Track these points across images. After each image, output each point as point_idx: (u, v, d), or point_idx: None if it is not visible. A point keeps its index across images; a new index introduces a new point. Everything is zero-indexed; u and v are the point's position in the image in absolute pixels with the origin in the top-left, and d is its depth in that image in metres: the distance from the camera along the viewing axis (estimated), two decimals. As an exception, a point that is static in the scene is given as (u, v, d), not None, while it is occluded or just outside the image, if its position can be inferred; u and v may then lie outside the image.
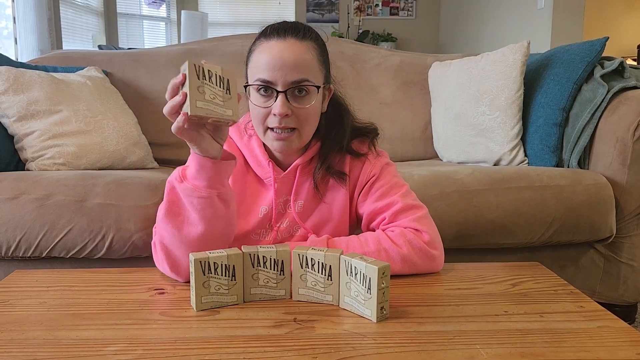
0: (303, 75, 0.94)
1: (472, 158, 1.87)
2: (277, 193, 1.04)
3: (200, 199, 0.85)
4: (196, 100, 0.76)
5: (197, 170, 0.84)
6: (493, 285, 0.93)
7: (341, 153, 1.05)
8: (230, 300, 0.83)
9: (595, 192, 1.49)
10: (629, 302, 1.59)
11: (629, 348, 0.70)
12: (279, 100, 0.93)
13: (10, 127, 1.65)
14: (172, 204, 0.88)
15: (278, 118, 0.94)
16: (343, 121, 1.06)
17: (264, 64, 0.94)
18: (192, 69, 0.76)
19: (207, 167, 0.84)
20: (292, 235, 1.06)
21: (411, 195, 1.05)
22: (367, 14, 6.66)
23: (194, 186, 0.85)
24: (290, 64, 0.93)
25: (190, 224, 0.87)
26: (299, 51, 0.94)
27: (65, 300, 0.85)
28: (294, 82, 0.93)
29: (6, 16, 3.92)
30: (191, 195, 0.85)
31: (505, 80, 1.77)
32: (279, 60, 0.93)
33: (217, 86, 0.79)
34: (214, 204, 0.86)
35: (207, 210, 0.86)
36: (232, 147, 1.07)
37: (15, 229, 1.34)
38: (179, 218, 0.88)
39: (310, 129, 1.00)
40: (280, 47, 0.94)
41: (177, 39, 6.27)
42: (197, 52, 2.15)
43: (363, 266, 0.77)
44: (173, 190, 0.88)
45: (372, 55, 2.24)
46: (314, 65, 0.96)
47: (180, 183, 0.86)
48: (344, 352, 0.68)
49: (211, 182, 0.85)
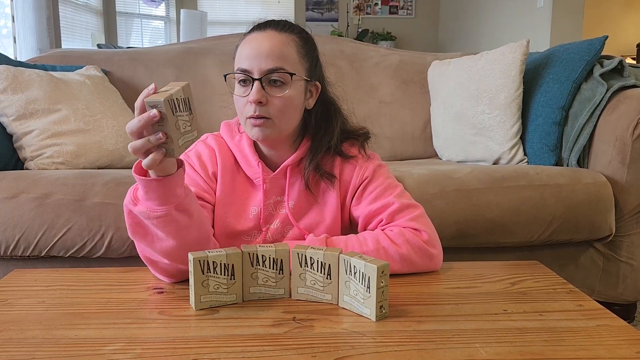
0: (278, 64, 0.95)
1: (472, 157, 1.87)
2: (266, 194, 1.04)
3: (158, 219, 0.81)
4: (178, 139, 0.74)
5: (145, 192, 0.80)
6: (492, 284, 0.93)
7: (330, 154, 1.05)
8: (229, 300, 0.83)
9: (594, 191, 1.49)
10: (628, 301, 1.59)
11: (628, 347, 0.70)
12: (254, 87, 0.95)
13: (9, 126, 1.65)
14: (136, 226, 0.85)
15: (253, 106, 0.95)
16: (331, 121, 1.06)
17: (244, 54, 0.97)
18: (167, 106, 0.71)
19: (154, 188, 0.79)
20: (284, 236, 1.05)
21: (406, 195, 1.05)
22: (366, 12, 6.66)
23: (147, 207, 0.81)
24: (266, 52, 0.95)
25: (160, 240, 0.85)
26: (277, 41, 0.97)
27: (64, 300, 0.85)
28: (268, 69, 0.95)
29: (5, 15, 3.92)
30: (148, 217, 0.81)
31: (505, 79, 1.77)
32: (256, 49, 0.96)
33: (184, 112, 0.75)
34: (174, 218, 0.82)
35: (169, 226, 0.82)
36: (223, 147, 1.07)
37: (14, 228, 1.34)
38: (147, 237, 0.85)
39: (287, 120, 0.99)
40: (259, 37, 0.97)
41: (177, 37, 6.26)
42: (196, 51, 2.15)
43: (362, 265, 0.77)
44: (131, 214, 0.84)
45: (371, 54, 2.24)
46: (291, 56, 0.98)
47: (134, 206, 0.82)
48: (343, 351, 0.68)
49: (163, 200, 0.80)
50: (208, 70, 2.10)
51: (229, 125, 1.10)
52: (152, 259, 0.88)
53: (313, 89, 1.04)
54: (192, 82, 2.09)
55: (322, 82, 1.07)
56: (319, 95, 1.06)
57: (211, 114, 2.03)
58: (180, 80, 2.15)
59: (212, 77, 2.09)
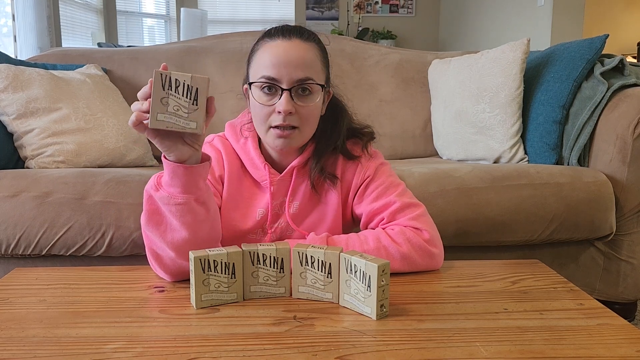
0: (308, 74, 0.95)
1: (472, 156, 1.87)
2: (274, 196, 1.04)
3: (177, 206, 0.82)
4: (157, 112, 0.75)
5: (170, 177, 0.82)
6: (493, 282, 0.93)
7: (334, 154, 1.06)
8: (230, 298, 0.83)
9: (595, 190, 1.49)
10: (628, 300, 1.59)
11: (629, 345, 0.70)
12: (284, 97, 0.94)
13: (10, 125, 1.65)
14: (152, 213, 0.86)
15: (282, 116, 0.94)
16: (338, 124, 1.06)
17: (269, 61, 0.95)
18: (157, 78, 0.74)
19: (180, 174, 0.81)
20: (288, 235, 1.06)
21: (407, 193, 1.05)
22: (366, 11, 6.65)
23: (169, 194, 0.82)
24: (296, 62, 0.94)
25: (173, 230, 0.85)
26: (304, 51, 0.96)
27: (65, 298, 0.85)
28: (299, 80, 0.94)
29: (5, 14, 3.91)
30: (168, 203, 0.83)
31: (505, 78, 1.77)
32: (284, 58, 0.94)
33: (183, 96, 0.76)
34: (193, 209, 0.84)
35: (187, 217, 0.84)
36: (229, 149, 1.07)
37: (15, 226, 1.34)
38: (161, 227, 0.86)
39: (311, 128, 1.01)
40: (285, 46, 0.95)
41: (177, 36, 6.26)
42: (196, 50, 2.15)
43: (363, 264, 0.77)
44: (151, 199, 0.85)
45: (371, 52, 2.23)
46: (317, 65, 0.98)
47: (156, 191, 0.83)
48: (344, 350, 0.68)
49: (186, 188, 0.82)
50: (208, 69, 2.10)
51: (234, 127, 1.10)
52: (158, 252, 0.89)
53: (326, 95, 1.05)
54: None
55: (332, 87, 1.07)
56: None
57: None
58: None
59: (213, 76, 2.09)
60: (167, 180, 0.82)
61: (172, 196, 0.82)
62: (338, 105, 1.09)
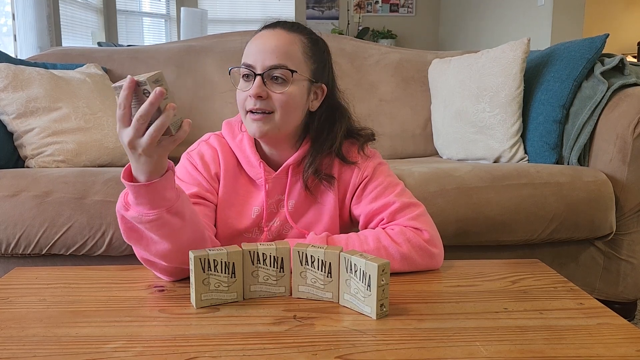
0: (281, 61, 0.96)
1: (472, 155, 1.87)
2: (269, 194, 1.04)
3: (150, 223, 0.80)
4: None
5: (134, 197, 0.79)
6: (493, 282, 0.93)
7: (330, 156, 1.05)
8: (230, 298, 0.83)
9: (595, 189, 1.49)
10: (628, 299, 1.59)
11: (629, 345, 0.70)
12: (255, 81, 0.96)
13: (10, 124, 1.65)
14: (129, 230, 0.84)
15: (253, 99, 0.96)
16: (335, 126, 1.06)
17: (250, 50, 0.99)
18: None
19: (142, 193, 0.77)
20: (283, 234, 1.06)
21: (407, 193, 1.05)
22: (367, 10, 6.65)
23: (138, 212, 0.79)
24: (271, 49, 0.96)
25: (155, 243, 0.84)
26: (283, 40, 0.98)
27: (65, 298, 0.85)
28: (271, 66, 0.96)
29: (5, 13, 3.91)
30: (141, 222, 0.80)
31: (506, 77, 1.77)
32: (261, 45, 0.98)
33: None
34: (167, 221, 0.81)
35: (163, 230, 0.81)
36: (225, 147, 1.07)
37: (15, 226, 1.34)
38: (142, 241, 0.84)
39: (288, 116, 0.99)
40: (266, 35, 0.99)
41: (177, 35, 6.26)
42: (196, 49, 2.15)
43: (363, 263, 0.77)
44: (124, 219, 0.83)
45: (371, 52, 2.23)
46: (296, 55, 0.98)
47: (126, 211, 0.81)
48: (344, 349, 0.68)
49: (153, 203, 0.79)
50: (208, 69, 2.10)
51: (230, 125, 1.10)
52: (150, 260, 0.88)
53: (318, 91, 1.04)
54: (193, 80, 2.09)
55: (331, 86, 1.06)
56: (326, 99, 1.05)
57: (212, 111, 2.03)
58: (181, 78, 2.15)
59: (213, 75, 2.09)
60: (133, 200, 0.79)
61: (141, 214, 0.79)
62: (338, 109, 1.08)
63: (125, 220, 0.83)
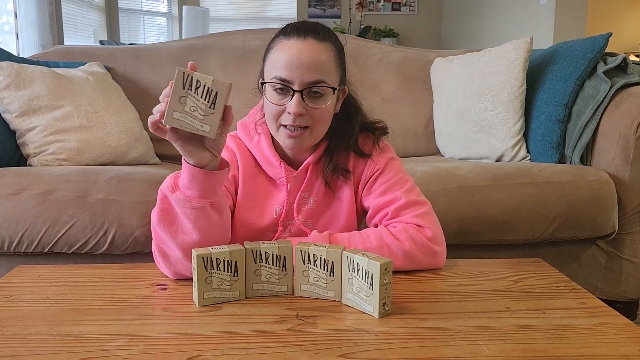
0: (320, 77, 0.94)
1: (474, 154, 1.86)
2: (290, 192, 1.05)
3: (193, 210, 0.83)
4: (174, 110, 0.75)
5: (189, 180, 0.82)
6: (495, 281, 0.93)
7: (347, 151, 1.06)
8: (233, 296, 0.83)
9: (597, 189, 1.48)
10: (630, 299, 1.59)
11: (631, 344, 0.70)
12: (295, 99, 0.93)
13: (12, 123, 1.65)
14: (165, 212, 0.86)
15: (292, 116, 0.94)
16: (352, 121, 1.06)
17: (282, 62, 0.94)
18: (179, 76, 0.75)
19: (199, 178, 0.82)
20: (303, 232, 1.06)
21: (415, 190, 1.05)
22: (369, 9, 6.64)
23: (186, 196, 0.83)
24: (308, 64, 0.93)
25: (184, 232, 0.86)
26: (317, 52, 0.95)
27: (67, 296, 0.85)
28: (310, 82, 0.94)
29: (7, 11, 3.91)
30: (184, 206, 0.83)
31: (508, 76, 1.77)
32: (297, 59, 0.93)
33: (202, 98, 0.76)
34: (208, 213, 0.84)
35: (201, 220, 0.84)
36: (242, 149, 1.07)
37: (17, 224, 1.34)
38: (172, 227, 0.86)
39: (322, 128, 1.00)
40: (299, 47, 0.95)
41: (179, 34, 6.26)
42: (198, 48, 2.15)
43: (365, 262, 0.77)
44: (165, 199, 0.86)
45: (374, 51, 2.23)
46: (330, 67, 0.97)
47: (172, 193, 0.84)
48: (346, 348, 0.68)
49: (204, 192, 0.83)
50: (210, 67, 2.10)
51: (246, 126, 1.10)
52: (165, 251, 0.89)
53: (341, 93, 1.04)
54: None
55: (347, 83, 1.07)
56: None
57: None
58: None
59: (215, 74, 2.09)
60: (186, 183, 0.83)
61: (188, 199, 0.83)
62: (353, 104, 1.09)
63: (165, 201, 0.86)
